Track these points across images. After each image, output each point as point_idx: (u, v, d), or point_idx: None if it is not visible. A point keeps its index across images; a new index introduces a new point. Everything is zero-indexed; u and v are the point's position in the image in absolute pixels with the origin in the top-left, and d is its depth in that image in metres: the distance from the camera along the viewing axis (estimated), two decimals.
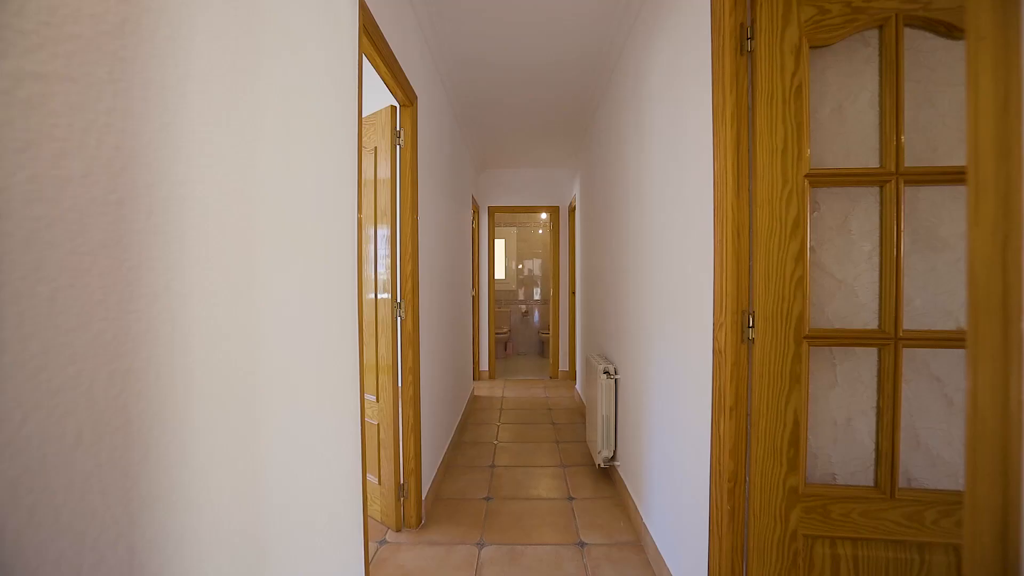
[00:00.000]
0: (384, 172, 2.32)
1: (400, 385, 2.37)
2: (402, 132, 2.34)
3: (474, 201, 5.29)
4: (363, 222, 2.41)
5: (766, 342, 1.32)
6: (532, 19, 2.53)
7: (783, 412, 1.32)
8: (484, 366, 5.97)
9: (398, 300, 2.32)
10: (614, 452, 2.85)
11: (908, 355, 1.30)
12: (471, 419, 4.27)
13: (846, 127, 1.34)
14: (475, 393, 5.19)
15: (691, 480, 1.65)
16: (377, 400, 2.38)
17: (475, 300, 5.70)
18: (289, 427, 1.04)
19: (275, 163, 0.98)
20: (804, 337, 1.30)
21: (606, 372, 2.83)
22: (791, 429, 1.32)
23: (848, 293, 1.34)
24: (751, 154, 1.35)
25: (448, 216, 3.45)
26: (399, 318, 2.33)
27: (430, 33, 2.62)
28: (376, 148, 2.37)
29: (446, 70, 3.07)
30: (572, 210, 5.57)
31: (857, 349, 1.33)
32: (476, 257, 5.78)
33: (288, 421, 1.04)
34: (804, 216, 1.29)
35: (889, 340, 1.27)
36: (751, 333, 1.35)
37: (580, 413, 4.41)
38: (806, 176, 1.29)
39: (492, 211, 5.94)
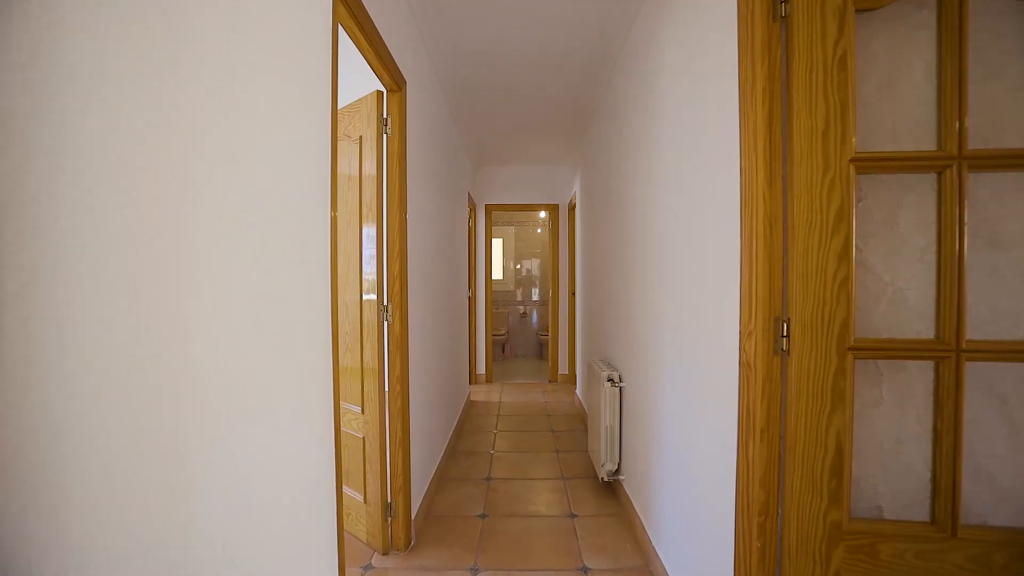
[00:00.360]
0: (370, 163, 2.13)
1: (387, 395, 2.18)
2: (389, 120, 2.15)
3: (471, 199, 5.10)
4: (348, 218, 2.23)
5: (804, 354, 1.14)
6: (530, 2, 2.35)
7: (823, 436, 1.13)
8: (481, 369, 5.78)
9: (385, 303, 2.13)
10: (618, 465, 2.67)
11: (967, 370, 1.11)
12: (467, 426, 4.08)
13: (895, 105, 1.15)
14: (471, 398, 5.00)
15: (711, 507, 1.46)
16: (363, 411, 2.19)
17: (471, 301, 5.51)
18: (236, 451, 0.85)
19: (212, 140, 0.79)
20: (849, 348, 1.11)
21: (610, 380, 2.64)
22: (833, 456, 1.13)
23: (897, 297, 1.16)
24: (785, 136, 1.16)
25: (442, 213, 3.26)
26: (386, 322, 2.13)
27: (420, 15, 2.43)
28: (361, 138, 2.18)
29: (439, 58, 2.88)
30: (572, 208, 5.38)
31: (909, 362, 1.14)
32: (473, 257, 5.59)
33: (235, 445, 0.85)
34: (849, 207, 1.11)
35: (950, 352, 1.08)
36: (785, 343, 1.17)
37: (581, 420, 4.23)
38: (852, 160, 1.10)
39: (489, 209, 5.75)
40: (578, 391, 4.81)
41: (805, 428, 1.14)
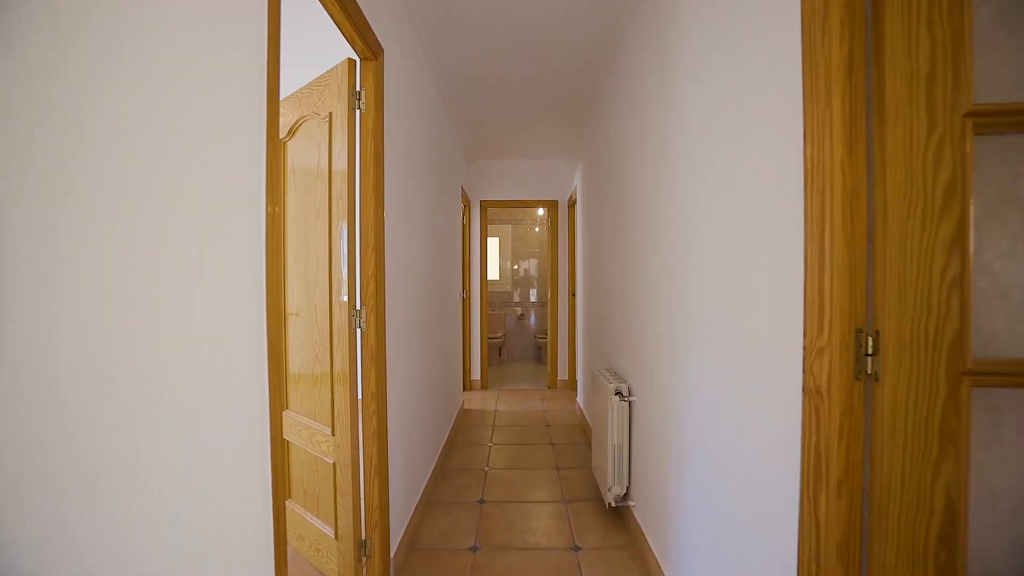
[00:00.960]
0: (341, 143, 1.82)
1: (361, 415, 1.87)
2: (363, 93, 1.84)
3: (464, 194, 4.79)
4: (316, 209, 1.93)
5: (900, 379, 0.84)
6: None
7: (928, 491, 0.83)
8: (476, 374, 5.47)
9: (357, 306, 1.82)
10: (627, 489, 2.36)
11: None
12: (460, 438, 3.77)
13: (1013, 43, 0.86)
14: (465, 406, 4.69)
15: (757, 567, 1.16)
16: (333, 433, 1.88)
17: (466, 303, 5.21)
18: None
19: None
20: (964, 373, 0.81)
21: (618, 393, 2.34)
22: (942, 518, 0.83)
23: (1021, 302, 0.86)
24: (871, 86, 0.87)
25: (431, 205, 2.95)
26: (359, 329, 1.83)
27: None
28: (331, 114, 1.87)
29: (425, 31, 2.57)
30: (572, 204, 5.08)
31: None
32: (467, 255, 5.28)
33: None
34: (964, 178, 0.81)
35: None
36: (870, 364, 0.86)
37: (582, 430, 3.92)
38: (968, 115, 0.80)
39: (484, 205, 5.44)
40: (579, 399, 4.51)
41: (902, 480, 0.84)
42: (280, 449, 1.08)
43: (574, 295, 5.10)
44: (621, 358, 2.64)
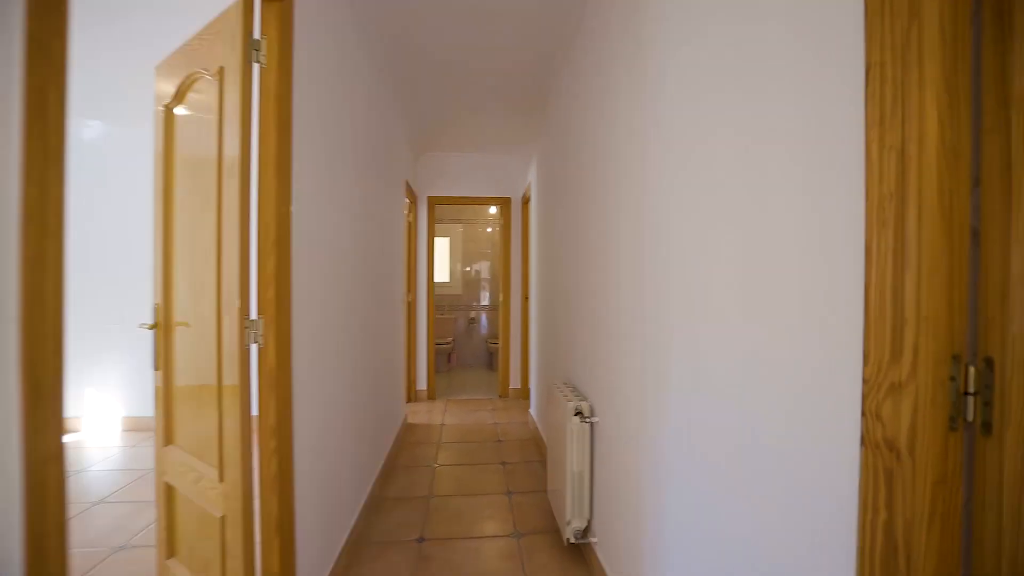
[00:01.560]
0: (233, 107, 1.40)
1: (257, 455, 1.45)
2: (264, 43, 1.44)
3: (410, 189, 4.38)
4: (204, 194, 1.50)
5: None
6: None
7: None
8: (421, 384, 5.05)
9: (252, 316, 1.41)
10: (588, 522, 2.06)
11: None
12: (401, 458, 3.36)
13: None
14: (409, 420, 4.27)
15: None
16: (221, 479, 1.46)
17: (411, 307, 4.78)
18: None
19: None
20: None
21: (579, 413, 2.03)
22: None
23: None
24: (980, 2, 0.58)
25: (363, 196, 2.54)
26: (254, 345, 1.41)
27: None
28: (223, 69, 1.45)
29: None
30: (526, 201, 4.78)
31: None
32: (413, 256, 4.86)
33: None
34: None
35: None
36: (974, 407, 0.58)
37: (536, 445, 3.61)
38: None
39: (432, 202, 5.04)
40: (532, 410, 4.19)
41: None
42: (41, 512, 0.68)
43: (527, 298, 4.80)
44: (581, 372, 2.34)
